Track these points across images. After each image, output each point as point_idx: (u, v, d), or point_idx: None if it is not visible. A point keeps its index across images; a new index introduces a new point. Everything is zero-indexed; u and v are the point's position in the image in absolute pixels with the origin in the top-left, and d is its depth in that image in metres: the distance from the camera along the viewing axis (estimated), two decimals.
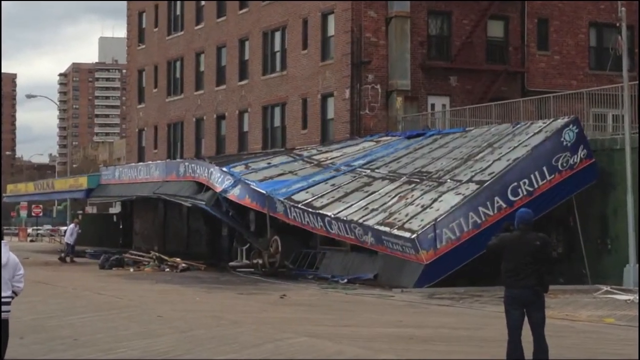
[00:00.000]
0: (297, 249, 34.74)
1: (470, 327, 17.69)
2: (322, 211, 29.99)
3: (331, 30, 39.97)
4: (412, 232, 26.19)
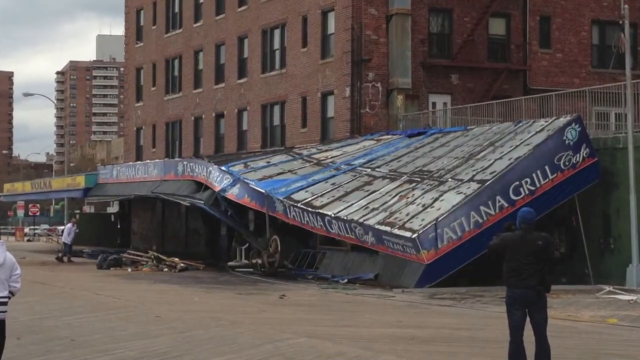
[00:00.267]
0: (297, 249, 34.66)
1: (471, 328, 17.65)
2: (322, 210, 29.84)
3: (331, 27, 39.82)
4: (413, 232, 26.05)
